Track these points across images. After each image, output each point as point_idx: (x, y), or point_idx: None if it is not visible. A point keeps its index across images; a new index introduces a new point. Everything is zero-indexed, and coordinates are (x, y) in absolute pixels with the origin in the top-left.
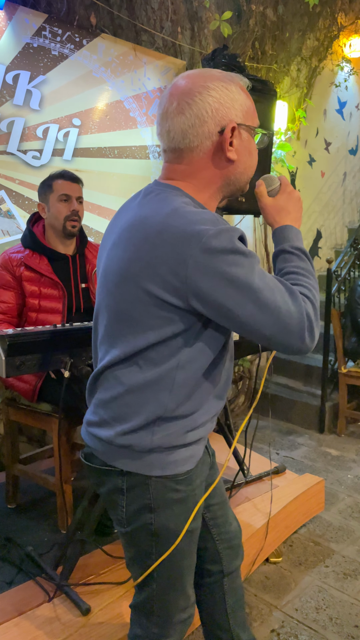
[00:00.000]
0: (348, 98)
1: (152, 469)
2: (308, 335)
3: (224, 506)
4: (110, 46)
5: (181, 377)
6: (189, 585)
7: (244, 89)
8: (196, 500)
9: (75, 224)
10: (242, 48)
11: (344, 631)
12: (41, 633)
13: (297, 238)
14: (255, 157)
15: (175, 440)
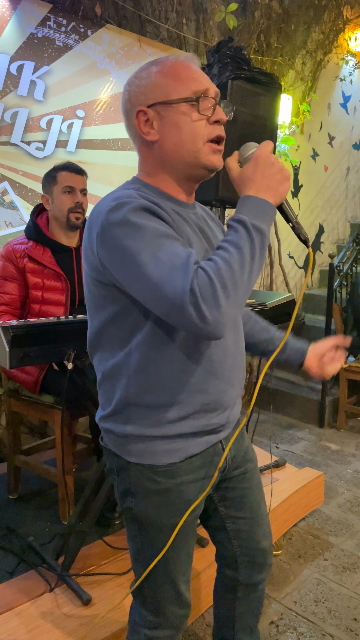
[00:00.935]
0: (353, 92)
1: (129, 454)
2: (194, 311)
3: (252, 523)
4: (114, 37)
5: (135, 362)
6: (180, 581)
7: (171, 65)
8: (183, 496)
9: (79, 215)
10: (247, 40)
11: (343, 624)
12: (42, 623)
13: (248, 209)
14: (186, 129)
15: (150, 430)
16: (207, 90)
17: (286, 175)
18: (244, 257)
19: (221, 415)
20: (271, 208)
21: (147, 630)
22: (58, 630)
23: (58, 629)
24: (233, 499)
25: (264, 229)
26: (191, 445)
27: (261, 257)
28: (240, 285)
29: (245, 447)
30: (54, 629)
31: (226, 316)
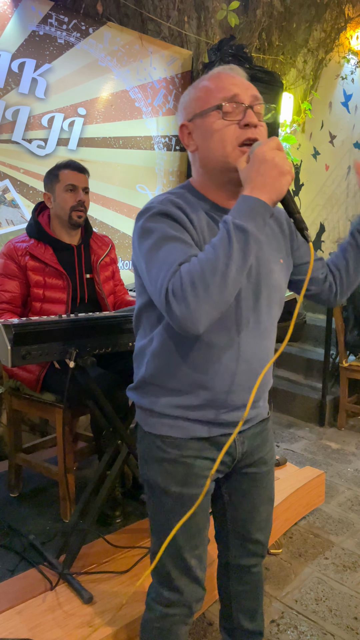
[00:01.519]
0: (354, 91)
1: (145, 424)
2: (167, 307)
3: (250, 515)
4: (116, 35)
5: (154, 347)
6: (188, 554)
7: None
8: (189, 468)
9: (81, 214)
10: (249, 39)
11: (343, 622)
12: (43, 621)
13: (237, 208)
14: (215, 138)
15: (161, 408)
16: (234, 95)
17: (283, 171)
18: (217, 256)
19: (230, 413)
20: (262, 205)
21: (161, 607)
22: (59, 628)
23: (59, 627)
24: (237, 490)
25: (247, 227)
26: (198, 429)
27: (242, 254)
28: (212, 282)
29: (266, 451)
30: (55, 627)
31: (196, 313)
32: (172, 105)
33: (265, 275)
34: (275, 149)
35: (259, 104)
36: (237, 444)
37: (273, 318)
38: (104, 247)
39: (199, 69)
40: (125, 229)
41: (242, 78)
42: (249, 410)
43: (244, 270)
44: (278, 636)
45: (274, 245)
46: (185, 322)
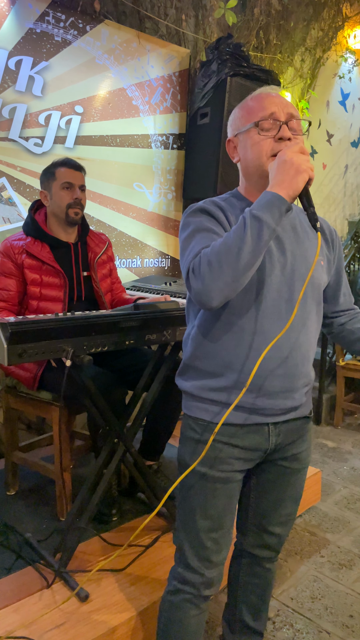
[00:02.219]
0: (351, 90)
1: (185, 407)
2: (187, 284)
3: (272, 507)
4: (113, 33)
5: (195, 334)
6: (206, 536)
7: (249, 99)
8: (215, 451)
9: (78, 211)
10: (247, 37)
11: (339, 620)
12: (40, 619)
13: (257, 202)
14: (253, 150)
15: (198, 391)
16: (272, 113)
17: (300, 169)
18: (232, 240)
19: (263, 399)
20: (278, 199)
21: (176, 582)
22: (55, 626)
23: (55, 625)
24: (266, 480)
25: (262, 216)
26: (231, 414)
27: (255, 239)
28: (226, 262)
29: (302, 449)
30: (52, 625)
31: (210, 288)
32: (169, 103)
33: (301, 270)
34: (297, 151)
35: (295, 120)
36: (271, 435)
37: (310, 313)
38: (101, 244)
39: (196, 67)
40: (122, 227)
41: (281, 97)
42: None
43: (258, 254)
44: (274, 634)
45: (315, 246)
46: (200, 296)
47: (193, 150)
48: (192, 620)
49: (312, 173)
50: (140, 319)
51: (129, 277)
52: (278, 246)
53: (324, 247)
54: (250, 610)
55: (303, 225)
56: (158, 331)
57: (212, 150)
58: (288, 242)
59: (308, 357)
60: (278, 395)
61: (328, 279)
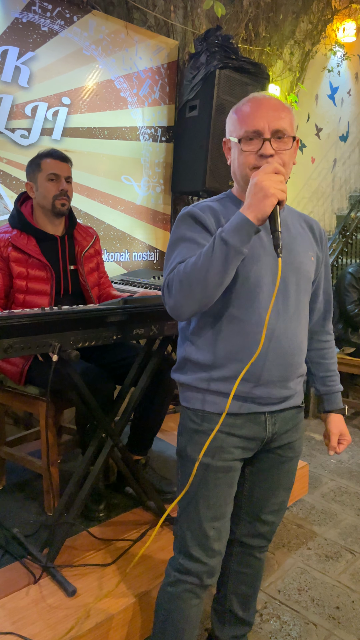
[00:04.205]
0: (340, 83)
1: (183, 400)
2: (162, 296)
3: (265, 495)
4: (101, 23)
5: (192, 327)
6: (207, 525)
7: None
8: (216, 441)
9: (65, 202)
10: (236, 29)
11: (325, 612)
12: (27, 614)
13: (230, 224)
14: (238, 160)
15: (197, 382)
16: (255, 131)
17: (267, 194)
18: (201, 262)
19: (260, 388)
20: (247, 222)
21: (176, 572)
22: (43, 622)
23: (43, 620)
24: (259, 469)
25: (229, 240)
26: (218, 401)
27: (222, 260)
28: (194, 281)
29: (295, 438)
30: (39, 621)
31: (181, 305)
32: (157, 95)
33: (294, 264)
34: (270, 172)
35: (281, 135)
36: (267, 424)
37: (302, 304)
38: (89, 238)
39: (185, 59)
40: (110, 221)
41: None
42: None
43: (225, 275)
44: (261, 626)
45: (307, 242)
46: (172, 311)
47: (182, 143)
48: (192, 610)
49: (282, 195)
50: (128, 314)
51: (117, 270)
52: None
53: (313, 245)
54: (240, 600)
55: (294, 223)
56: (146, 326)
57: (200, 143)
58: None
59: (302, 348)
60: (275, 385)
61: (315, 276)
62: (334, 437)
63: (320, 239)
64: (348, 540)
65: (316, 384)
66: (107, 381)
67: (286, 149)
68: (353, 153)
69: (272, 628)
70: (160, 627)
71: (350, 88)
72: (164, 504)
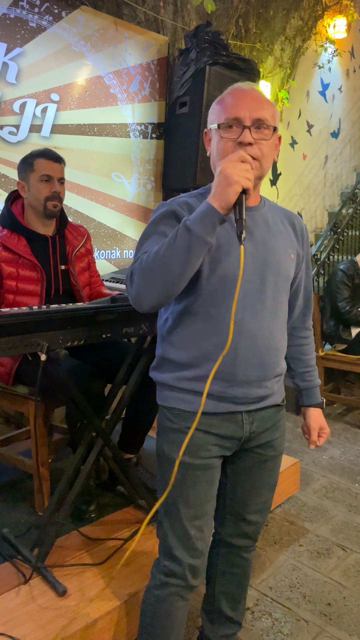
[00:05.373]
0: (331, 80)
1: (160, 399)
2: (126, 287)
3: (248, 495)
4: (90, 19)
5: (168, 326)
6: (189, 525)
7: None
8: (193, 440)
9: (57, 204)
10: (226, 25)
11: (317, 609)
12: (17, 615)
13: (195, 213)
14: (217, 149)
15: (173, 381)
16: (236, 118)
17: (231, 181)
18: (163, 249)
19: (236, 388)
20: (211, 211)
21: (161, 575)
22: (33, 622)
23: (33, 621)
24: (240, 468)
25: (193, 228)
26: (206, 403)
27: (185, 249)
28: (156, 271)
29: (275, 436)
30: (29, 621)
31: (143, 295)
32: (147, 92)
33: (273, 263)
34: (235, 161)
35: (261, 125)
36: (245, 423)
37: (280, 303)
38: (80, 237)
39: (175, 56)
40: (100, 218)
41: (256, 96)
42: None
43: (187, 264)
44: (253, 623)
45: (287, 240)
46: (134, 301)
47: (172, 140)
48: (178, 612)
49: (246, 183)
50: (117, 312)
51: (108, 268)
52: (249, 237)
53: (294, 242)
54: (228, 600)
55: (275, 220)
56: (135, 324)
57: (191, 140)
58: (259, 234)
59: (279, 348)
60: (251, 384)
61: (295, 273)
62: (314, 432)
63: (301, 235)
64: (339, 537)
65: (295, 379)
66: (98, 379)
67: (265, 139)
68: (344, 150)
69: (263, 625)
70: (146, 629)
71: (341, 84)
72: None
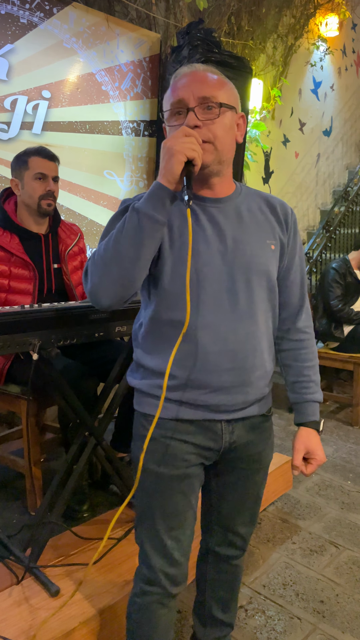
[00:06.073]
0: (323, 78)
1: (135, 402)
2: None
3: (236, 509)
4: (81, 16)
5: (143, 331)
6: (165, 535)
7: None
8: (168, 449)
9: (51, 202)
10: (218, 23)
11: (310, 606)
12: (10, 615)
13: (145, 195)
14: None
15: (148, 388)
16: (179, 100)
17: (172, 152)
18: (114, 235)
19: (211, 395)
20: (158, 187)
21: (142, 583)
22: (26, 622)
23: (26, 621)
24: (225, 483)
25: (141, 207)
26: (181, 410)
27: (134, 229)
28: (108, 257)
29: (260, 449)
30: (22, 622)
31: (98, 287)
32: (139, 89)
33: (244, 258)
34: (178, 136)
35: (206, 104)
36: (224, 432)
37: (256, 302)
38: (73, 236)
39: (167, 53)
40: (92, 216)
41: (202, 76)
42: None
43: (141, 247)
44: (246, 621)
45: (265, 230)
46: (92, 296)
47: (164, 138)
48: (161, 620)
49: (191, 152)
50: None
51: None
52: (217, 234)
53: (276, 230)
54: (219, 604)
55: (252, 208)
56: (128, 322)
57: None
58: (229, 228)
59: (261, 349)
60: (230, 391)
61: (281, 265)
62: (298, 454)
63: (285, 221)
64: (332, 534)
65: (287, 389)
66: (90, 378)
67: (214, 118)
68: (336, 148)
69: (256, 623)
70: (130, 637)
71: (334, 83)
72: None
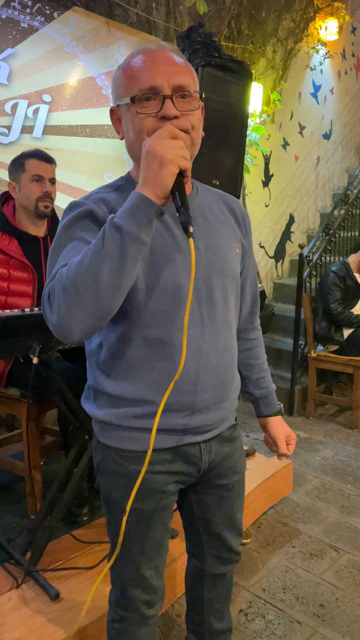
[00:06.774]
0: (323, 82)
1: (99, 435)
2: (43, 313)
3: (224, 526)
4: (82, 20)
5: (104, 354)
6: (144, 567)
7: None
8: (146, 483)
9: (48, 204)
10: (218, 27)
11: (310, 610)
12: (9, 619)
13: (123, 207)
14: (134, 129)
15: (117, 419)
16: (152, 87)
17: (164, 161)
18: (90, 258)
19: (191, 417)
20: (144, 201)
21: (119, 609)
22: (25, 626)
23: (26, 625)
24: (209, 504)
25: (122, 226)
26: (158, 439)
27: (116, 253)
28: (82, 285)
29: (235, 459)
30: (22, 625)
31: (67, 319)
32: None
33: (218, 263)
34: (164, 138)
35: (184, 93)
36: (202, 453)
37: (231, 310)
38: None
39: None
40: None
41: (171, 58)
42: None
43: (123, 272)
44: (246, 626)
45: (230, 233)
46: (57, 330)
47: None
48: (144, 637)
49: (183, 162)
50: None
51: None
52: None
53: (237, 232)
54: (217, 616)
55: (213, 209)
56: None
57: None
58: (199, 232)
59: (234, 359)
60: (210, 409)
61: (242, 268)
62: (282, 443)
63: (243, 222)
64: (332, 538)
65: (249, 387)
66: None
67: (193, 109)
68: (336, 151)
69: (256, 627)
70: None
71: (333, 86)
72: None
